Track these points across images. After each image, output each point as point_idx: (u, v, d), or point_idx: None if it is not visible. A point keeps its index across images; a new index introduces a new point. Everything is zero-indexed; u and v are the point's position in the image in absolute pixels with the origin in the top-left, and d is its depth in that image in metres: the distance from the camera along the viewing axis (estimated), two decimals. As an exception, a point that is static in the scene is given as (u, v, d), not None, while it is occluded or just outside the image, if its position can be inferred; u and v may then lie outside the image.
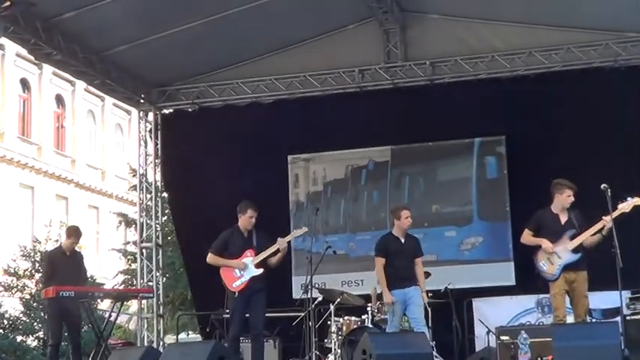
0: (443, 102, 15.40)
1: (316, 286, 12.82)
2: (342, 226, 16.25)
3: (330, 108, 15.91)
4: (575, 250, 10.75)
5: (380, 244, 11.95)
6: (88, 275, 14.22)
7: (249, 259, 11.35)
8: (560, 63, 14.99)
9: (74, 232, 13.14)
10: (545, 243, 10.88)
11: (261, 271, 11.34)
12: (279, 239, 11.40)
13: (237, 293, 11.29)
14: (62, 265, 12.82)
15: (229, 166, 16.12)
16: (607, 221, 10.54)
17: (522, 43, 15.15)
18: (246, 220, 11.49)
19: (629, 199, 10.67)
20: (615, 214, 10.56)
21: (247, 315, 11.35)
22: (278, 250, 11.39)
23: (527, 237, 11.14)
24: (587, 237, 10.71)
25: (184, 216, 17.10)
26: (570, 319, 11.22)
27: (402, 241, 11.78)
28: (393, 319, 11.57)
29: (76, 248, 13.22)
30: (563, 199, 10.94)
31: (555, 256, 10.79)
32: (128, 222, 26.58)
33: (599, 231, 10.63)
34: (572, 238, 10.77)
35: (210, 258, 11.53)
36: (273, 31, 15.36)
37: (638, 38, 14.72)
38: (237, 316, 11.30)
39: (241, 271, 11.30)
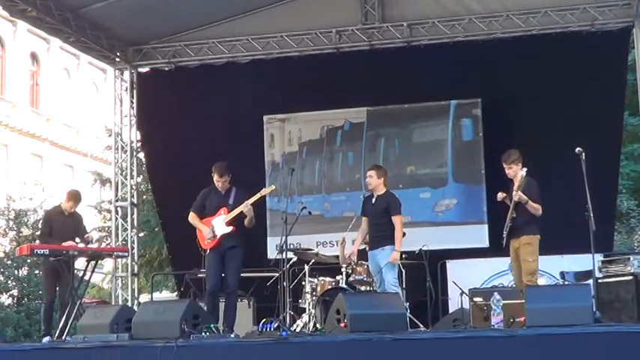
0: (419, 64, 15.39)
1: (291, 246, 12.85)
2: (317, 186, 16.26)
3: (306, 68, 15.85)
4: (511, 219, 10.90)
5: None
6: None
7: (218, 219, 11.54)
8: (538, 26, 14.98)
9: (73, 197, 13.21)
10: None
11: (230, 229, 11.50)
12: (240, 206, 11.49)
13: (208, 250, 11.57)
14: (59, 224, 12.96)
15: (205, 125, 16.07)
16: (515, 196, 10.75)
17: (500, 6, 15.15)
18: (215, 183, 11.72)
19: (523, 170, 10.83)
20: (516, 185, 10.76)
21: (223, 274, 11.57)
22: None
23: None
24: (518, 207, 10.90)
25: (160, 175, 17.06)
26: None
27: (373, 201, 11.84)
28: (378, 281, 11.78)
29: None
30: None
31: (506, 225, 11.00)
32: (103, 180, 26.45)
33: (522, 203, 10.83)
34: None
35: (189, 217, 11.80)
36: (251, -9, 15.30)
37: (615, 3, 14.74)
38: (210, 271, 11.54)
39: (211, 231, 11.49)
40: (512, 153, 11.20)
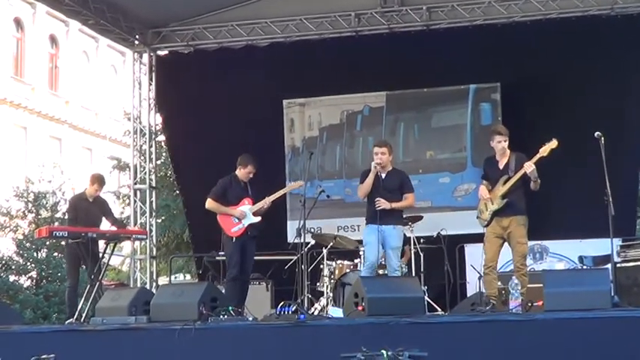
0: (439, 48, 15.32)
1: (311, 230, 12.88)
2: (338, 171, 16.24)
3: (325, 52, 15.81)
4: (504, 196, 10.74)
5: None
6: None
7: (247, 207, 11.74)
8: (557, 10, 14.90)
9: (97, 180, 13.29)
10: (480, 191, 10.99)
11: (259, 219, 11.75)
12: (266, 198, 11.81)
13: (234, 238, 11.65)
14: (82, 210, 13.01)
15: (224, 109, 16.05)
16: (527, 167, 10.53)
17: (519, -11, 15.09)
18: (244, 173, 11.84)
19: (554, 139, 10.63)
20: (535, 159, 10.57)
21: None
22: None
23: (481, 188, 11.16)
24: (517, 183, 10.65)
25: (182, 158, 17.07)
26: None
27: (383, 176, 11.39)
28: (366, 254, 11.43)
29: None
30: (495, 146, 10.94)
31: (490, 202, 10.82)
32: (121, 166, 26.48)
33: (528, 176, 10.64)
34: (506, 182, 10.79)
35: (210, 204, 11.84)
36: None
37: (636, -14, 14.66)
38: (235, 259, 11.64)
39: (240, 218, 11.64)
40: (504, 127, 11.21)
